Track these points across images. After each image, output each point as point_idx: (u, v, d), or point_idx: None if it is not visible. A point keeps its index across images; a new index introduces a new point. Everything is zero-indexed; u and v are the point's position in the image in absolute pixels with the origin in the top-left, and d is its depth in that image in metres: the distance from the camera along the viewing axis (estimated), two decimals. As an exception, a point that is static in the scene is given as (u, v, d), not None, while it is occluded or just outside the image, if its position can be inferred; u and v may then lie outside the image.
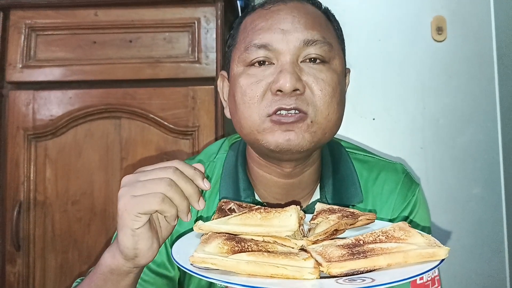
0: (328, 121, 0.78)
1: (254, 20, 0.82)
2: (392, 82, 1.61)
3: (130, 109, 1.34)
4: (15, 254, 1.32)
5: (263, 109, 0.76)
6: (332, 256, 0.58)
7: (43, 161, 1.35)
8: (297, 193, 0.88)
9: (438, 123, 1.58)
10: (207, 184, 0.67)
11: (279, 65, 0.77)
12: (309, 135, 0.76)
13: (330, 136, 0.81)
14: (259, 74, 0.78)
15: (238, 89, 0.79)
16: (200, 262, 0.57)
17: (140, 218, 0.63)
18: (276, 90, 0.75)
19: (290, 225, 0.64)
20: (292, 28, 0.78)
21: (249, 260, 0.56)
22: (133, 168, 1.33)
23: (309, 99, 0.76)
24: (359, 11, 1.63)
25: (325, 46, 0.78)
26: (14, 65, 1.36)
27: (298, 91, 0.75)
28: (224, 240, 0.61)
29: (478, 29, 1.61)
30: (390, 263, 0.57)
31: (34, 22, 1.37)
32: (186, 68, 1.35)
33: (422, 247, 0.58)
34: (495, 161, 1.58)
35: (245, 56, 0.79)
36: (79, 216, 1.34)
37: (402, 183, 0.92)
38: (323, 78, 0.77)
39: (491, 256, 1.55)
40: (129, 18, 1.36)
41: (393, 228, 0.63)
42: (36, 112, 1.35)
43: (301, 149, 0.76)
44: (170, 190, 0.63)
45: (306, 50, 0.77)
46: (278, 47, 0.77)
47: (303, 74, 0.77)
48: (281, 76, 0.74)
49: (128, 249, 0.65)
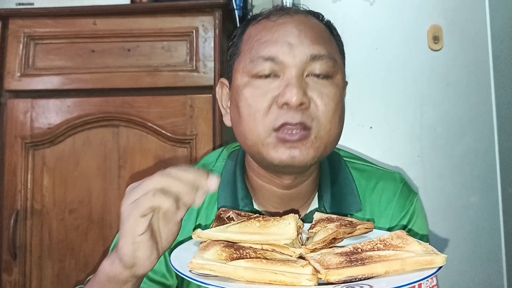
0: (329, 136, 0.79)
1: (259, 31, 0.82)
2: (389, 90, 1.61)
3: (128, 117, 1.34)
4: (12, 262, 1.31)
5: (269, 123, 0.76)
6: (330, 264, 0.58)
7: (40, 170, 1.35)
8: (296, 202, 0.88)
9: (435, 131, 1.59)
10: (214, 180, 0.65)
11: (285, 79, 0.77)
12: (313, 150, 0.77)
13: (330, 149, 0.82)
14: (265, 86, 0.78)
15: (242, 100, 0.79)
16: (199, 268, 0.57)
17: (141, 222, 0.62)
18: (282, 103, 0.75)
19: (288, 233, 0.64)
20: (299, 42, 0.78)
21: (247, 266, 0.56)
22: (131, 176, 1.33)
23: (313, 113, 0.77)
24: (357, 21, 1.64)
25: (330, 61, 0.79)
26: (12, 74, 1.36)
27: (304, 105, 0.75)
28: (223, 247, 0.61)
29: (474, 38, 1.62)
30: (387, 270, 0.57)
31: (33, 31, 1.38)
32: (184, 77, 1.35)
33: (420, 254, 0.59)
34: (492, 169, 1.58)
35: (250, 67, 0.79)
36: (77, 224, 1.34)
37: (400, 192, 0.92)
38: (327, 93, 0.78)
39: (488, 264, 1.55)
40: (127, 27, 1.37)
41: (391, 237, 0.64)
42: (34, 120, 1.35)
43: (305, 165, 0.77)
44: (161, 181, 0.62)
45: (312, 65, 0.78)
46: (285, 60, 0.77)
47: (308, 88, 0.77)
48: (288, 90, 0.75)
49: (127, 257, 0.65)
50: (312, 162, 0.78)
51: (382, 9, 1.64)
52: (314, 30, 0.81)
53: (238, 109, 0.80)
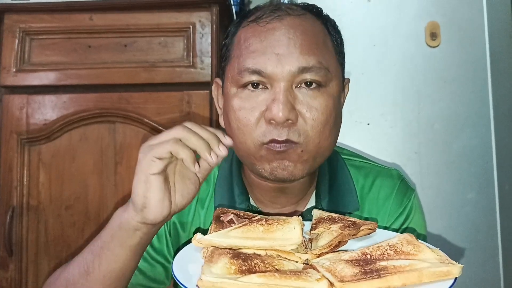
0: (318, 148, 0.77)
1: (248, 38, 0.79)
2: (387, 87, 1.61)
3: (125, 113, 1.34)
4: (8, 259, 1.31)
5: (258, 138, 0.76)
6: (344, 275, 0.56)
7: (36, 166, 1.34)
8: (292, 196, 0.88)
9: (433, 128, 1.59)
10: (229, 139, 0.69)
11: (273, 92, 0.75)
12: (301, 164, 0.76)
13: (321, 160, 0.81)
14: (253, 99, 0.76)
15: (231, 112, 0.78)
16: (210, 286, 0.54)
17: (155, 163, 0.64)
18: (269, 119, 0.74)
19: (294, 238, 0.62)
20: (287, 53, 0.75)
21: (261, 282, 0.54)
22: (128, 173, 1.33)
23: (301, 128, 0.75)
24: (354, 17, 1.63)
25: (321, 72, 0.76)
26: (8, 69, 1.35)
27: (290, 121, 0.74)
28: (230, 259, 0.59)
29: (472, 35, 1.62)
30: (404, 283, 0.55)
31: (29, 26, 1.36)
32: (181, 73, 1.34)
33: (436, 264, 0.57)
34: (489, 166, 1.58)
35: (238, 78, 0.77)
36: (73, 221, 1.33)
37: (397, 188, 0.92)
38: (316, 106, 0.76)
39: (485, 260, 1.55)
40: (124, 23, 1.36)
41: (401, 242, 0.62)
42: (30, 116, 1.34)
43: (295, 178, 0.77)
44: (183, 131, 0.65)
45: (301, 76, 0.75)
46: (272, 73, 0.74)
47: (296, 102, 0.75)
48: (274, 106, 0.73)
49: (138, 196, 0.66)
50: (303, 174, 0.78)
51: (379, 6, 1.64)
52: (305, 37, 0.77)
53: (228, 119, 0.80)
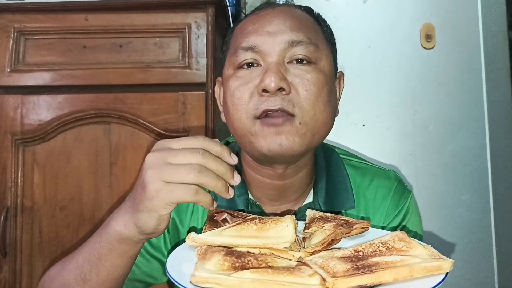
0: (315, 121, 0.78)
1: (243, 25, 0.84)
2: (382, 88, 1.62)
3: (120, 114, 1.33)
4: (2, 260, 1.30)
5: (251, 111, 0.77)
6: (336, 271, 0.57)
7: (31, 166, 1.33)
8: (290, 194, 0.88)
9: (428, 129, 1.60)
10: (235, 158, 0.67)
11: (265, 66, 0.78)
12: (299, 138, 0.76)
13: (319, 137, 0.81)
14: (247, 76, 0.79)
15: (228, 91, 0.81)
16: (203, 282, 0.55)
17: (171, 206, 0.63)
18: (261, 89, 0.76)
19: (287, 237, 0.63)
20: (278, 30, 0.79)
21: (254, 278, 0.55)
22: (123, 173, 1.32)
23: (295, 99, 0.76)
24: (350, 19, 1.64)
25: (310, 46, 0.79)
26: (2, 69, 1.34)
27: (283, 91, 0.76)
28: (224, 256, 0.59)
29: (466, 37, 1.63)
30: (396, 278, 0.56)
31: (23, 26, 1.36)
32: (177, 73, 1.34)
33: (427, 260, 0.58)
34: (483, 168, 1.59)
35: (234, 59, 0.81)
36: (68, 221, 1.32)
37: (394, 190, 0.92)
38: (308, 78, 0.78)
39: (480, 261, 1.56)
40: (119, 23, 1.35)
41: (393, 239, 0.63)
42: (24, 116, 1.33)
43: (293, 153, 0.77)
44: (201, 176, 0.62)
45: (292, 51, 0.79)
46: (264, 49, 0.79)
47: (288, 74, 0.78)
48: (266, 76, 0.75)
49: (149, 229, 0.66)
50: (301, 150, 0.77)
51: (375, 8, 1.65)
52: (294, 18, 0.82)
53: (226, 100, 0.82)
